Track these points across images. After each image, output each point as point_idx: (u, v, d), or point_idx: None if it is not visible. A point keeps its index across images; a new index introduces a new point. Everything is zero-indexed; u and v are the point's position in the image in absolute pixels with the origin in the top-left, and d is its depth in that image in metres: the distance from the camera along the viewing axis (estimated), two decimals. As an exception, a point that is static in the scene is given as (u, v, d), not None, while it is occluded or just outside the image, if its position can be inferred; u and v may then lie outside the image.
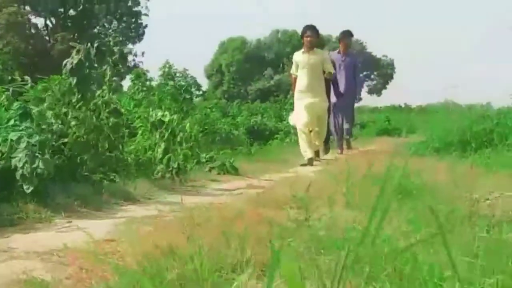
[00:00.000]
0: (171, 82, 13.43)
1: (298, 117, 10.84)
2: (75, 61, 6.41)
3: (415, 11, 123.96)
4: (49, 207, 4.97)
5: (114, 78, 7.02)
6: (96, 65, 6.61)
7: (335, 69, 11.85)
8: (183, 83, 13.77)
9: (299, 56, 11.18)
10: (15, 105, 5.86)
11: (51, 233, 4.30)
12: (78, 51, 6.47)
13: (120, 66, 7.13)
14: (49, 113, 5.97)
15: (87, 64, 6.43)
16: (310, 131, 10.69)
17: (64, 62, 6.53)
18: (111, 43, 6.97)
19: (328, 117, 11.69)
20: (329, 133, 12.22)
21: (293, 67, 11.27)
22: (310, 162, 10.23)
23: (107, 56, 6.80)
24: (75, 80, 6.38)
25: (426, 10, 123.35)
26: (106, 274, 2.46)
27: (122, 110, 7.51)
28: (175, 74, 14.05)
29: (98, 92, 6.60)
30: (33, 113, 5.71)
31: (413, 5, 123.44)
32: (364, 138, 20.91)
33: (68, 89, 6.45)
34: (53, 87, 6.46)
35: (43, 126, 5.60)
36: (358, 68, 13.88)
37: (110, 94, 6.74)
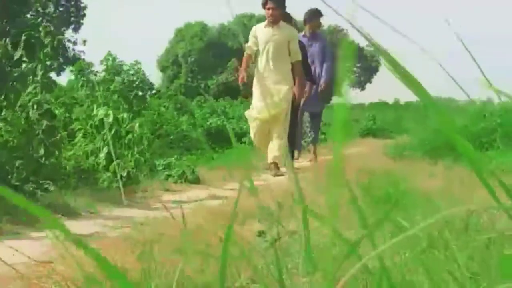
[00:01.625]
0: (118, 78, 13.16)
1: (253, 109, 9.96)
2: None
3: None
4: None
5: (49, 75, 6.98)
6: (25, 59, 6.58)
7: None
8: (134, 78, 13.50)
9: (260, 31, 9.97)
10: None
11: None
12: None
13: (53, 61, 7.08)
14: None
15: (5, 61, 6.42)
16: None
17: None
18: (42, 33, 6.91)
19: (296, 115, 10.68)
20: (296, 133, 11.36)
21: (251, 42, 9.97)
22: (275, 167, 9.60)
23: (38, 50, 6.76)
24: None
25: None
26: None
27: (57, 111, 7.49)
28: (122, 68, 13.71)
29: (29, 90, 6.57)
30: None
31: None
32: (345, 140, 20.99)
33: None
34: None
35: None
36: (328, 51, 12.61)
37: (43, 93, 6.70)
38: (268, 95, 9.64)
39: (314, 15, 12.36)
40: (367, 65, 72.05)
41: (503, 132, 10.10)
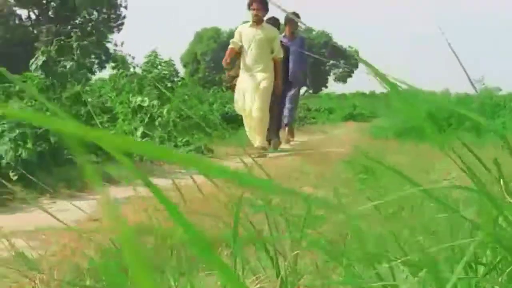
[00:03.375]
0: (155, 70, 13.39)
1: (241, 102, 9.22)
2: (39, 63, 6.44)
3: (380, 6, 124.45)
4: (35, 189, 4.96)
5: (82, 71, 6.99)
6: (61, 61, 6.65)
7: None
8: (166, 72, 13.73)
9: (245, 29, 9.25)
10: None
11: (37, 213, 4.29)
12: (42, 52, 6.49)
13: (85, 60, 7.09)
14: (29, 109, 5.91)
15: (51, 63, 6.49)
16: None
17: (31, 62, 6.56)
18: (73, 38, 6.90)
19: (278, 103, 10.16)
20: (276, 121, 10.44)
21: (236, 37, 9.31)
22: (264, 149, 8.73)
23: (71, 51, 6.79)
24: (43, 76, 6.44)
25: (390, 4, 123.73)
26: (89, 251, 2.47)
27: (89, 99, 7.55)
28: (160, 63, 13.97)
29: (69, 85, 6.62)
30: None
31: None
32: (331, 123, 21.00)
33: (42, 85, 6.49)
34: (30, 84, 6.47)
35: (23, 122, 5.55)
36: (304, 48, 12.11)
37: (79, 86, 6.75)
38: (251, 90, 9.02)
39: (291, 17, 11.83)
40: (348, 62, 71.83)
41: (457, 117, 10.14)
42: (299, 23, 12.36)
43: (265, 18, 9.44)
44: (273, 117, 9.65)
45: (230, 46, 9.33)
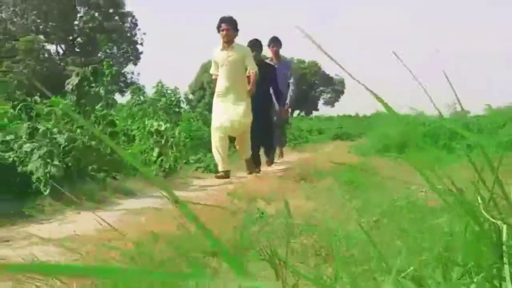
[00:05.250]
0: (163, 99, 13.43)
1: (216, 122, 7.94)
2: (75, 82, 6.48)
3: (363, 38, 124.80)
4: (61, 202, 4.95)
5: (110, 96, 7.03)
6: (93, 84, 6.70)
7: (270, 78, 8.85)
8: (173, 99, 13.75)
9: (217, 54, 8.08)
10: (25, 125, 5.90)
11: (63, 223, 4.27)
12: (77, 74, 6.53)
13: (112, 86, 7.11)
14: (55, 129, 5.87)
15: (85, 83, 6.54)
16: (231, 140, 8.32)
17: (66, 82, 6.60)
18: (104, 66, 6.96)
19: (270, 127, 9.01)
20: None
21: (213, 66, 8.23)
22: (226, 174, 7.78)
23: (101, 77, 6.85)
24: (75, 98, 6.48)
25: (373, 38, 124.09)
26: (110, 257, 2.45)
27: (118, 121, 7.59)
28: (167, 91, 13.97)
29: (97, 106, 6.64)
30: (40, 131, 5.66)
31: (361, 33, 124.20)
32: (321, 142, 21.00)
33: (73, 105, 6.52)
34: (56, 108, 6.47)
35: (47, 141, 5.53)
36: (289, 74, 10.77)
37: (107, 109, 6.79)
38: (227, 114, 7.87)
39: (276, 41, 10.59)
40: (336, 88, 71.95)
41: (432, 136, 10.13)
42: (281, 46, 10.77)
43: (247, 41, 8.70)
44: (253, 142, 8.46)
45: (213, 78, 8.33)
